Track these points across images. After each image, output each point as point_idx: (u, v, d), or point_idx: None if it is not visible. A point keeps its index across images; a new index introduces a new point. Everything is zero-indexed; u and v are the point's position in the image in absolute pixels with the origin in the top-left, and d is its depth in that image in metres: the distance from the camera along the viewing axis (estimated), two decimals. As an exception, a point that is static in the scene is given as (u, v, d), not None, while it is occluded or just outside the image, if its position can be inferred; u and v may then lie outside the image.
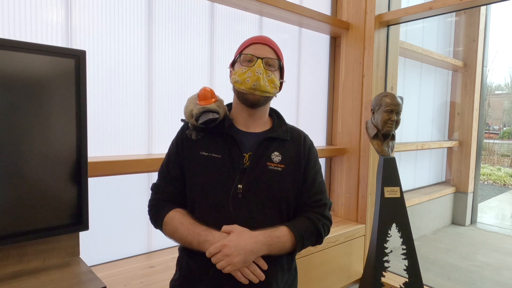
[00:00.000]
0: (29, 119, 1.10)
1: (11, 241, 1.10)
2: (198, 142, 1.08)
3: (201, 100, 1.08)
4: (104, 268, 1.69)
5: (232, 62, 1.13)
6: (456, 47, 4.74)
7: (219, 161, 1.04)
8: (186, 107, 1.11)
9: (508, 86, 16.73)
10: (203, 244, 0.96)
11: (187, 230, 1.00)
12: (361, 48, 2.63)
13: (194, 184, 1.06)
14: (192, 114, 1.07)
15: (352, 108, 2.70)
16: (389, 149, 2.25)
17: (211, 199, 1.03)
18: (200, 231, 0.98)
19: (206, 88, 1.11)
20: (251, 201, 1.02)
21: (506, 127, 17.53)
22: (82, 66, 1.19)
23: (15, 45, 1.07)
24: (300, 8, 2.34)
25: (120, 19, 1.74)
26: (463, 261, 3.33)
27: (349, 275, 2.51)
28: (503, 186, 8.38)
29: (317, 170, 1.15)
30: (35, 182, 1.12)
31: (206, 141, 1.08)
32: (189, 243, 1.00)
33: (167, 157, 1.14)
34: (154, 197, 1.12)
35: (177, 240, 1.05)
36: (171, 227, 1.03)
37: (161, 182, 1.12)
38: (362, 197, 2.65)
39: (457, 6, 2.21)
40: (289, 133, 1.14)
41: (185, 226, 1.00)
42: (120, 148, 1.77)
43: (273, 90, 1.07)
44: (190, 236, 0.99)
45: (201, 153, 1.06)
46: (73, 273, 1.15)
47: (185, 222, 1.01)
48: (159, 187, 1.12)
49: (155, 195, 1.12)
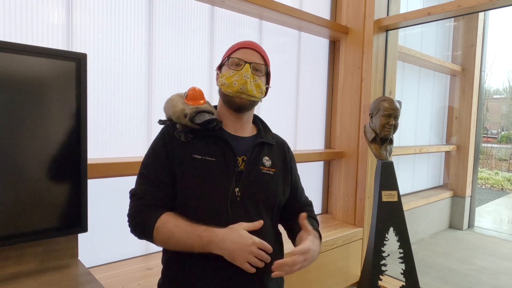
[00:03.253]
0: (29, 122, 1.10)
1: (9, 242, 1.10)
2: (188, 144, 1.03)
3: (189, 100, 1.04)
4: (102, 269, 1.70)
5: (220, 65, 1.14)
6: (454, 52, 4.77)
7: (214, 165, 1.01)
8: (173, 106, 1.05)
9: (506, 90, 16.80)
10: (208, 246, 0.92)
11: (186, 233, 0.93)
12: (360, 52, 2.64)
13: (188, 188, 1.00)
14: (184, 114, 1.00)
15: (351, 112, 2.71)
16: (387, 153, 2.26)
17: (208, 203, 0.99)
18: (201, 232, 0.93)
19: (195, 88, 1.08)
20: (248, 204, 1.02)
21: (504, 132, 17.58)
22: (82, 69, 1.20)
23: (16, 48, 1.07)
24: (299, 12, 2.35)
25: (120, 22, 1.75)
26: (460, 265, 3.34)
27: (346, 279, 2.52)
28: (500, 191, 8.40)
29: (298, 175, 1.26)
30: (35, 184, 1.13)
31: (197, 143, 1.03)
32: (190, 246, 0.93)
33: (151, 159, 1.04)
34: (137, 203, 1.00)
35: (172, 246, 0.97)
36: (165, 232, 0.95)
37: (145, 186, 1.01)
38: (360, 200, 2.66)
39: (456, 12, 2.23)
40: (275, 139, 1.19)
41: (183, 229, 0.93)
42: (120, 150, 1.78)
43: (259, 94, 1.08)
44: (190, 239, 0.93)
45: (194, 156, 1.01)
46: (72, 275, 1.16)
47: (181, 225, 0.94)
48: (143, 191, 1.00)
49: (137, 201, 1.00)
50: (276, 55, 2.52)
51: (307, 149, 2.78)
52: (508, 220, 5.48)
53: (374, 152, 2.27)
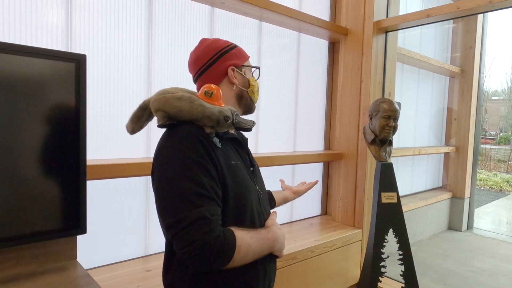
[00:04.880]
0: (28, 123, 1.10)
1: (8, 244, 1.10)
2: (220, 149, 0.95)
3: (215, 101, 0.95)
4: (101, 271, 1.69)
5: (237, 65, 1.08)
6: (453, 54, 4.78)
7: (242, 168, 1.00)
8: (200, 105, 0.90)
9: (505, 92, 16.86)
10: (273, 245, 0.99)
11: (258, 241, 0.94)
12: (360, 53, 2.65)
13: (236, 197, 0.94)
14: (225, 116, 0.91)
15: (350, 113, 2.72)
16: (386, 154, 2.26)
17: (251, 207, 0.98)
18: (266, 235, 0.98)
19: (218, 87, 0.98)
20: (265, 199, 1.11)
21: (503, 133, 17.64)
22: (82, 70, 1.20)
23: (16, 49, 1.07)
24: (299, 14, 2.36)
25: (120, 23, 1.75)
26: (459, 267, 3.34)
27: (346, 280, 2.51)
28: (499, 192, 8.42)
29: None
30: (34, 185, 1.12)
31: (225, 147, 0.98)
32: (261, 252, 0.95)
33: (199, 175, 0.85)
34: (211, 228, 0.82)
35: (250, 259, 0.92)
36: (245, 247, 0.89)
37: (209, 206, 0.84)
38: (359, 202, 2.65)
39: (455, 13, 2.24)
40: None
41: (256, 238, 0.93)
42: (119, 151, 1.78)
43: None
44: (264, 245, 0.96)
45: (232, 162, 0.96)
46: (70, 277, 1.15)
47: (251, 235, 0.93)
48: (210, 213, 0.83)
49: (210, 225, 0.82)
50: (275, 56, 2.52)
51: (306, 150, 2.78)
52: (507, 221, 5.49)
53: (374, 154, 2.27)
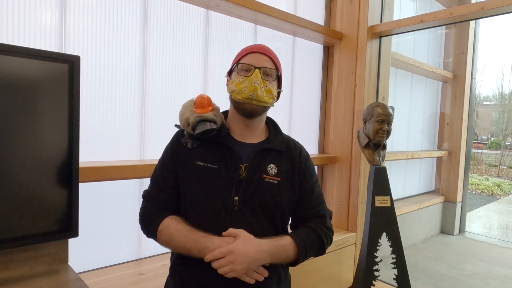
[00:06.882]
0: (20, 124, 1.08)
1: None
2: (193, 150, 1.05)
3: (197, 108, 1.05)
4: (92, 275, 1.67)
5: (229, 71, 1.11)
6: (446, 59, 4.85)
7: (215, 172, 1.02)
8: (182, 114, 1.07)
9: (496, 97, 17.08)
10: (203, 251, 0.94)
11: (184, 238, 0.97)
12: (354, 58, 2.67)
13: (189, 194, 1.04)
14: (188, 122, 1.03)
15: (344, 117, 2.73)
16: (380, 158, 2.28)
17: (207, 210, 1.01)
18: (198, 238, 0.96)
19: (203, 95, 1.08)
20: (247, 213, 1.01)
21: (494, 138, 17.87)
22: (75, 72, 1.19)
23: (8, 49, 1.06)
24: (294, 18, 2.37)
25: (114, 24, 1.74)
26: (451, 270, 3.37)
27: (339, 284, 2.51)
28: (490, 196, 8.51)
29: (314, 181, 1.15)
30: (25, 188, 1.11)
31: (202, 150, 1.05)
32: (188, 250, 0.97)
33: (160, 164, 1.10)
34: (146, 205, 1.08)
35: (173, 248, 1.02)
36: (167, 235, 1.00)
37: (154, 189, 1.08)
38: (353, 205, 2.66)
39: (447, 20, 2.27)
40: (285, 144, 1.12)
41: (182, 233, 0.98)
42: (112, 153, 1.76)
43: (271, 100, 1.05)
44: (188, 243, 0.96)
45: (197, 162, 1.03)
46: (61, 281, 1.13)
47: (181, 229, 0.98)
48: (152, 194, 1.07)
49: (147, 203, 1.08)
50: (270, 59, 2.52)
51: (300, 153, 2.78)
52: (498, 225, 5.55)
53: (367, 158, 2.28)
